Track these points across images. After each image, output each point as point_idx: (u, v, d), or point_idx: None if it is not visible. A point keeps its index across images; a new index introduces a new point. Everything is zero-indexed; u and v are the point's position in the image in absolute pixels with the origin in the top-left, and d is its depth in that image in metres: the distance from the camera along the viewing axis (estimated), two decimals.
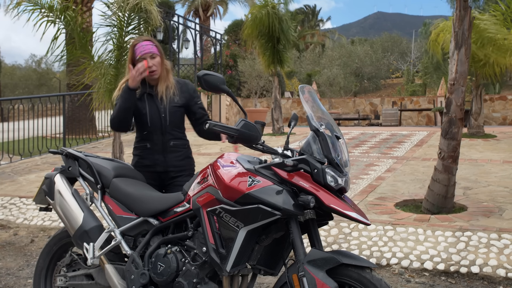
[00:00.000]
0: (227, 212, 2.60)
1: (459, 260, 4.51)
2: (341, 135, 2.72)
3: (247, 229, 2.56)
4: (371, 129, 14.82)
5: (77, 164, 3.40)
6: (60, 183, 3.36)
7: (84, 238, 3.15)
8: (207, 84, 2.71)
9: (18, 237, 5.74)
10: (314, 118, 2.65)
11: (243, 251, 2.60)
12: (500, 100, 19.69)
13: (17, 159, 10.02)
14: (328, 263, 2.45)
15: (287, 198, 2.50)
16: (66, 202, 3.28)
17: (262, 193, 2.53)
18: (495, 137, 11.34)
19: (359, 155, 9.53)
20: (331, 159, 2.56)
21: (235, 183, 2.61)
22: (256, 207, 2.51)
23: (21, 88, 42.31)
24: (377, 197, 6.40)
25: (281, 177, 2.57)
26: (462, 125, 5.74)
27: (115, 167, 3.33)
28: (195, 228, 2.86)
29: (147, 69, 3.25)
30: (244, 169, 2.68)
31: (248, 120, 2.59)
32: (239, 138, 2.54)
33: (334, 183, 2.52)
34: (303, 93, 2.82)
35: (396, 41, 37.14)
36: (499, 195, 6.27)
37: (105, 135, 13.60)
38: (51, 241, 3.53)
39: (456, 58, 5.63)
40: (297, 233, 2.55)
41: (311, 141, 2.62)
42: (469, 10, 5.63)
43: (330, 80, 28.28)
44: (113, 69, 7.90)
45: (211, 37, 20.92)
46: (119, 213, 3.18)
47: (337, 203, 2.48)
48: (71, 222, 3.23)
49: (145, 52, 3.30)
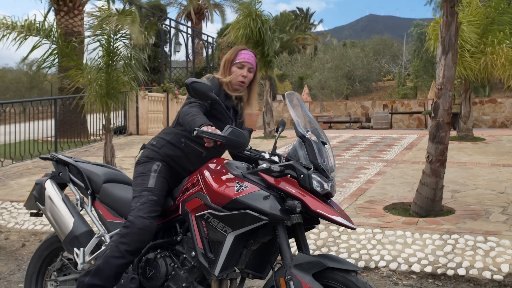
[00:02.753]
0: (215, 217, 2.65)
1: (446, 262, 4.57)
2: (327, 141, 2.78)
3: (235, 234, 2.62)
4: (361, 132, 14.91)
5: (67, 169, 3.44)
6: (50, 188, 3.39)
7: (74, 243, 3.18)
8: (195, 91, 2.74)
9: (9, 241, 5.76)
10: (300, 124, 2.71)
11: (231, 255, 2.65)
12: (490, 103, 19.88)
13: (8, 163, 10.00)
14: (315, 267, 2.50)
15: (274, 203, 2.56)
16: (57, 208, 3.31)
17: (249, 198, 2.58)
18: (484, 140, 11.45)
19: (350, 158, 9.60)
20: (317, 164, 2.62)
21: (223, 189, 2.66)
22: (244, 212, 2.56)
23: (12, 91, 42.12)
24: (366, 200, 6.47)
25: (268, 182, 2.63)
26: (449, 129, 5.82)
27: (105, 172, 3.37)
28: (184, 233, 2.90)
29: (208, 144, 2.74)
30: (232, 175, 2.72)
31: (235, 127, 2.63)
32: (226, 144, 2.58)
33: (320, 188, 2.58)
34: (290, 100, 2.86)
35: (388, 44, 37.34)
36: (486, 198, 6.36)
37: (96, 138, 13.60)
38: (42, 246, 3.56)
39: (443, 63, 5.71)
40: (284, 237, 2.60)
41: (298, 147, 2.67)
42: (455, 16, 5.72)
43: (321, 83, 28.44)
44: (104, 74, 7.94)
45: (203, 40, 20.98)
46: (109, 218, 3.22)
47: (323, 208, 2.53)
48: (61, 228, 3.26)
49: (248, 61, 3.08)
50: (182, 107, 2.93)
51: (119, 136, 14.47)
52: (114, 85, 7.92)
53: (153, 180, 2.95)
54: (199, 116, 2.75)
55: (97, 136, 13.68)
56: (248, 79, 3.12)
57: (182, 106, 2.96)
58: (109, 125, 8.08)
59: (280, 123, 3.09)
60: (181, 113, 2.86)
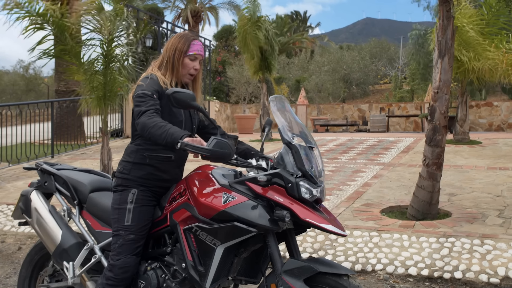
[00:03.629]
0: (203, 230, 2.61)
1: (442, 265, 4.58)
2: (315, 144, 2.74)
3: (224, 246, 2.58)
4: (358, 135, 14.94)
5: (53, 178, 3.37)
6: (36, 200, 3.32)
7: (63, 257, 3.12)
8: (177, 101, 2.60)
9: (6, 245, 5.74)
10: (286, 130, 2.66)
11: (222, 267, 2.62)
12: (486, 106, 19.93)
13: (4, 165, 9.98)
14: (305, 272, 2.46)
15: (263, 214, 2.51)
16: (44, 220, 3.23)
17: (237, 210, 2.53)
18: (481, 143, 11.48)
19: (346, 161, 9.61)
20: (305, 171, 2.57)
21: (210, 201, 2.61)
22: (232, 225, 2.52)
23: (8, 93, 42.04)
24: (363, 203, 6.47)
25: (255, 192, 2.58)
26: (446, 133, 5.84)
27: (91, 181, 3.29)
28: (173, 244, 2.85)
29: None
30: (219, 185, 2.67)
31: (220, 137, 2.55)
32: (211, 157, 2.50)
33: (309, 195, 2.53)
34: (275, 104, 2.80)
35: (384, 47, 37.47)
36: (483, 201, 6.37)
37: (93, 141, 13.58)
38: (32, 250, 3.51)
39: (440, 66, 5.74)
40: (275, 246, 2.57)
41: (284, 154, 2.62)
42: (452, 20, 5.74)
43: (318, 86, 28.48)
44: (100, 76, 7.93)
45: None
46: (98, 228, 3.15)
47: (313, 217, 2.48)
48: (49, 240, 3.19)
49: (201, 53, 2.97)
50: (138, 118, 2.70)
51: (116, 139, 14.47)
52: (110, 87, 7.91)
53: (129, 216, 2.84)
54: (171, 127, 2.59)
55: (94, 139, 13.65)
56: (199, 68, 3.02)
57: (137, 115, 2.72)
58: (106, 127, 8.07)
59: (267, 122, 3.04)
60: (143, 127, 2.65)
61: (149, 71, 2.98)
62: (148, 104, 2.73)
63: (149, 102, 2.74)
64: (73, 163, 10.12)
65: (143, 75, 2.97)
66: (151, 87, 2.82)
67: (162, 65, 2.97)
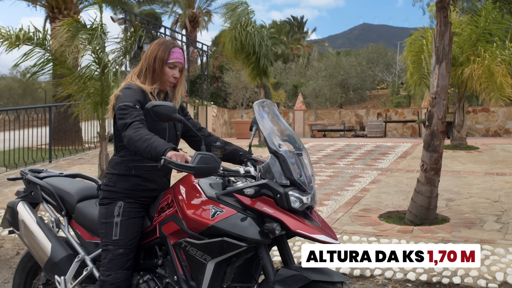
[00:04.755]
0: (193, 245, 2.56)
1: (441, 271, 4.58)
2: (304, 149, 2.67)
3: (215, 261, 2.54)
4: (356, 140, 14.97)
5: (39, 188, 3.28)
6: (23, 212, 3.25)
7: (55, 270, 3.06)
8: (157, 115, 2.54)
9: (4, 250, 5.72)
10: (272, 138, 2.58)
11: (215, 279, 2.58)
12: (483, 112, 19.98)
13: (2, 170, 9.96)
14: (298, 281, 2.40)
15: (252, 227, 2.46)
16: (32, 233, 3.16)
17: (226, 224, 2.47)
18: (478, 149, 11.52)
19: (344, 166, 9.63)
20: (294, 180, 2.50)
21: (198, 215, 2.54)
22: (221, 240, 2.46)
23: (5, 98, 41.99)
24: (361, 208, 6.48)
25: (244, 204, 2.51)
26: (443, 138, 5.86)
27: (78, 190, 3.21)
28: (164, 256, 2.80)
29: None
30: (206, 197, 2.60)
31: (204, 152, 2.46)
32: (197, 174, 2.42)
33: (299, 204, 2.47)
34: (259, 110, 2.72)
35: (382, 53, 37.52)
36: (480, 207, 6.39)
37: (91, 146, 13.57)
38: (25, 257, 3.46)
39: (437, 72, 5.76)
40: (267, 258, 2.52)
41: (272, 164, 2.54)
42: (449, 26, 5.78)
43: (316, 92, 28.52)
44: (97, 81, 7.95)
45: (198, 48, 21.01)
46: (88, 238, 3.08)
47: (303, 227, 2.42)
48: (39, 254, 3.13)
49: (180, 61, 2.91)
50: (124, 131, 2.63)
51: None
52: (107, 93, 7.93)
53: (117, 229, 2.77)
54: (155, 140, 2.53)
55: (91, 144, 13.65)
56: (178, 78, 2.95)
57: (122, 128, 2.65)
58: (104, 132, 8.07)
59: (253, 121, 2.88)
60: (129, 140, 2.58)
61: (128, 80, 2.91)
62: (133, 115, 2.66)
63: (133, 114, 2.67)
64: (71, 168, 10.11)
65: (122, 84, 2.89)
66: (132, 98, 2.74)
67: (142, 73, 2.90)
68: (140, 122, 2.64)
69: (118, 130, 2.81)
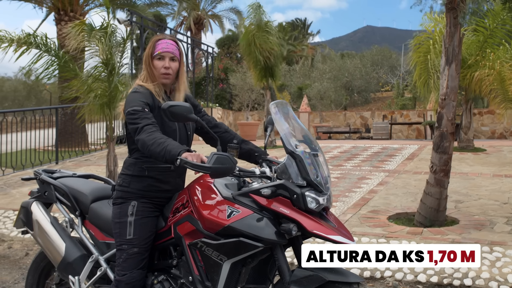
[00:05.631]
0: (209, 246, 2.55)
1: (452, 272, 4.56)
2: (320, 150, 2.67)
3: (231, 261, 2.53)
4: (362, 142, 14.95)
5: (53, 188, 3.29)
6: (37, 212, 3.25)
7: (68, 270, 3.06)
8: (173, 115, 2.53)
9: (13, 250, 5.73)
10: (289, 138, 2.57)
11: (230, 280, 2.57)
12: (488, 114, 19.94)
13: (9, 171, 9.99)
14: (314, 282, 2.39)
15: (269, 228, 2.45)
16: (46, 233, 3.17)
17: (242, 224, 2.46)
18: (485, 151, 11.48)
19: (351, 168, 9.61)
20: (310, 180, 2.49)
21: (214, 215, 2.54)
22: (238, 240, 2.46)
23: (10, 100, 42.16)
24: (370, 210, 6.47)
25: (260, 204, 2.51)
26: (453, 139, 5.84)
27: (92, 190, 3.21)
28: (179, 257, 2.80)
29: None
30: (222, 197, 2.58)
31: (220, 152, 2.46)
32: (213, 174, 2.42)
33: (315, 205, 2.46)
34: (276, 111, 2.71)
35: (386, 55, 37.48)
36: (490, 209, 6.36)
37: (97, 147, 13.59)
38: (38, 258, 3.47)
39: (447, 73, 5.75)
40: (282, 258, 2.51)
41: (288, 165, 2.53)
42: (459, 27, 5.76)
43: (321, 94, 28.50)
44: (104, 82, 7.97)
45: (203, 50, 21.04)
46: (102, 238, 3.08)
47: (320, 228, 2.42)
48: (53, 254, 3.14)
49: (168, 50, 2.87)
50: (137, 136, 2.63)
51: (119, 145, 14.47)
52: (115, 94, 7.94)
53: (131, 229, 2.77)
54: (169, 143, 2.54)
55: (98, 146, 13.67)
56: (174, 69, 2.89)
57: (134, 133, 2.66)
58: (112, 133, 8.08)
59: (268, 121, 2.88)
60: (143, 144, 2.59)
61: (136, 84, 2.92)
62: (143, 119, 2.67)
63: (143, 117, 2.68)
64: (78, 169, 10.12)
65: (131, 89, 2.91)
66: (140, 101, 2.74)
67: (143, 74, 2.92)
68: (153, 125, 2.65)
69: (130, 133, 2.82)
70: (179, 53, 2.93)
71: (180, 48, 2.96)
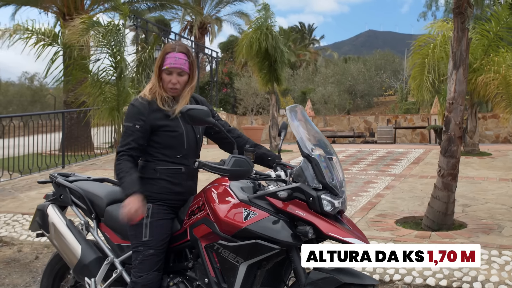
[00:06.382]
0: (226, 248, 2.58)
1: (461, 276, 4.57)
2: (334, 153, 2.71)
3: (247, 263, 2.56)
4: (367, 146, 14.95)
5: (68, 191, 3.33)
6: (53, 215, 3.29)
7: (84, 272, 3.09)
8: (192, 118, 2.58)
9: (23, 254, 5.76)
10: (305, 142, 2.61)
11: (246, 282, 2.60)
12: (492, 119, 19.94)
13: (16, 176, 10.03)
14: (330, 284, 2.42)
15: (285, 229, 2.49)
16: (62, 236, 3.20)
17: (259, 227, 2.50)
18: (490, 155, 11.49)
19: (357, 172, 9.63)
20: (326, 184, 2.53)
21: (230, 217, 2.57)
22: (254, 242, 2.49)
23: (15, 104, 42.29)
24: (377, 214, 6.48)
25: (276, 207, 2.55)
26: (461, 143, 5.86)
27: (108, 193, 3.25)
28: (194, 259, 2.83)
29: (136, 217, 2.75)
30: (238, 200, 2.62)
31: (238, 155, 2.53)
32: (231, 176, 2.49)
33: (331, 208, 2.50)
34: (292, 115, 2.75)
35: (389, 59, 37.54)
36: (497, 212, 6.38)
37: (103, 152, 13.64)
38: (53, 260, 3.50)
39: (455, 77, 5.77)
40: (298, 261, 2.53)
41: (304, 168, 2.57)
42: (466, 32, 5.79)
43: (324, 98, 28.54)
44: (113, 86, 8.03)
45: (207, 54, 21.10)
46: (117, 241, 3.12)
47: (336, 231, 2.46)
48: (69, 256, 3.18)
49: (175, 66, 2.87)
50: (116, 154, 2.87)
51: None
52: (124, 98, 7.99)
53: (147, 230, 2.81)
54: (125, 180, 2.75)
55: (103, 150, 13.72)
56: (182, 83, 2.91)
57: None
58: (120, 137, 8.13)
59: (282, 126, 2.96)
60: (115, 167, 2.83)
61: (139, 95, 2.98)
62: (126, 141, 2.82)
63: (127, 139, 2.82)
64: (84, 173, 10.13)
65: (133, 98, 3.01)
66: (132, 117, 2.85)
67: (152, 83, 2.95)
68: (126, 153, 2.82)
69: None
70: (189, 65, 2.92)
71: (191, 59, 2.94)
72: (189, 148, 2.93)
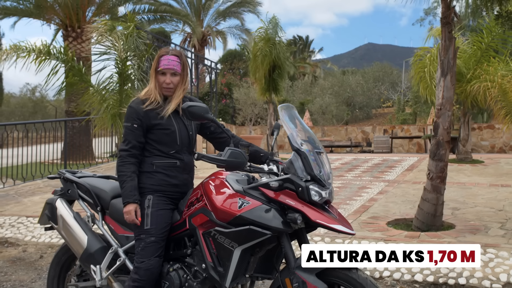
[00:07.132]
0: (222, 234, 2.82)
1: (447, 272, 4.78)
2: (322, 149, 2.95)
3: (241, 248, 2.80)
4: (363, 155, 15.18)
5: (75, 186, 3.59)
6: (61, 208, 3.55)
7: (90, 260, 3.34)
8: (191, 115, 2.83)
9: (28, 253, 5.98)
10: (295, 137, 2.86)
11: (240, 266, 2.84)
12: (488, 129, 20.17)
13: (19, 183, 10.25)
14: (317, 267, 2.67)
15: (276, 217, 2.72)
16: (70, 227, 3.46)
17: (252, 214, 2.72)
18: (483, 162, 11.72)
19: (352, 178, 9.85)
20: (314, 175, 2.75)
21: (226, 206, 2.80)
22: (248, 228, 2.72)
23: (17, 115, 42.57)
24: (370, 216, 6.71)
25: (268, 196, 2.78)
26: (449, 147, 6.10)
27: (112, 187, 3.50)
28: (193, 246, 3.08)
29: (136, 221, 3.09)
30: (234, 190, 2.86)
31: (233, 148, 2.76)
32: (227, 167, 2.73)
33: (319, 198, 2.72)
34: (284, 113, 3.01)
35: (387, 71, 37.82)
36: (485, 215, 6.60)
37: (104, 160, 13.86)
38: (60, 252, 3.74)
39: (443, 84, 6.03)
40: (288, 246, 2.79)
41: (294, 161, 2.81)
42: (453, 41, 6.06)
43: (322, 109, 28.80)
44: (116, 94, 8.28)
45: (207, 65, 21.38)
46: (121, 232, 3.37)
47: (323, 218, 2.68)
48: (76, 246, 3.42)
49: (168, 67, 3.17)
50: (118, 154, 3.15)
51: None
52: (125, 105, 8.24)
53: (148, 219, 3.06)
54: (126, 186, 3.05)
55: (105, 159, 13.94)
56: (175, 82, 3.19)
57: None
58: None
59: (275, 126, 3.22)
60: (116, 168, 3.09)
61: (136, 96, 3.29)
62: (126, 141, 3.13)
63: (128, 138, 3.13)
64: None
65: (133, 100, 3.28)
66: (130, 117, 3.16)
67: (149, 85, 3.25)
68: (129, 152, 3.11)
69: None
70: (181, 66, 3.22)
71: (183, 61, 3.24)
72: (182, 144, 3.20)
